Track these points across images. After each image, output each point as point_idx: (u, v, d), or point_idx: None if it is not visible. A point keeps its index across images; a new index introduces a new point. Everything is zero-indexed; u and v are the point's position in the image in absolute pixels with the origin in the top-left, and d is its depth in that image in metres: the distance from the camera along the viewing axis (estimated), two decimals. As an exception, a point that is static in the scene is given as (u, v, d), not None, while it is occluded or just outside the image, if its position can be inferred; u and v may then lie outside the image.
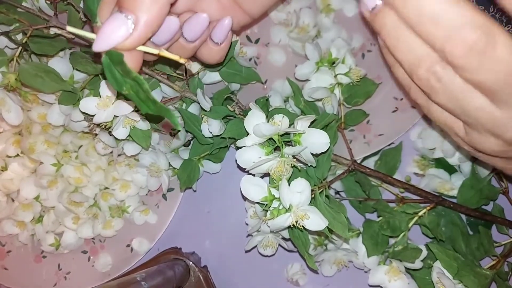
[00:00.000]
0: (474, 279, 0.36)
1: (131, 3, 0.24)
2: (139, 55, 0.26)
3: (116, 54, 0.24)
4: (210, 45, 0.31)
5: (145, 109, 0.25)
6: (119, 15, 0.24)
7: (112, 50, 0.24)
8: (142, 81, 0.23)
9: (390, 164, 0.43)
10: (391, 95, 0.44)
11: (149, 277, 0.40)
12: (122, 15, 0.24)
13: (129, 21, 0.24)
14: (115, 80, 0.24)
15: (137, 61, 0.26)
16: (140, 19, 0.24)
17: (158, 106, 0.24)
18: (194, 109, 0.41)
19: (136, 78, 0.23)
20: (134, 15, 0.24)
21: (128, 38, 0.24)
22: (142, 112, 0.25)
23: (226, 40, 0.31)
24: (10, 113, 0.41)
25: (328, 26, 0.43)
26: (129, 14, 0.24)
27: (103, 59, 0.25)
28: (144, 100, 0.24)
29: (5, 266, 0.50)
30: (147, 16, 0.24)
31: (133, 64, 0.26)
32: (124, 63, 0.23)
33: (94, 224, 0.47)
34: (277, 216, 0.34)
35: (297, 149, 0.35)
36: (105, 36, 0.24)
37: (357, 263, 0.42)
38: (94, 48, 0.24)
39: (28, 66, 0.38)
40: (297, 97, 0.41)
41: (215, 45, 0.31)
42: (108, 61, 0.24)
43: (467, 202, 0.41)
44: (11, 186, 0.46)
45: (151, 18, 0.24)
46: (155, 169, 0.43)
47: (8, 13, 0.40)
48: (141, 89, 0.24)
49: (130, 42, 0.24)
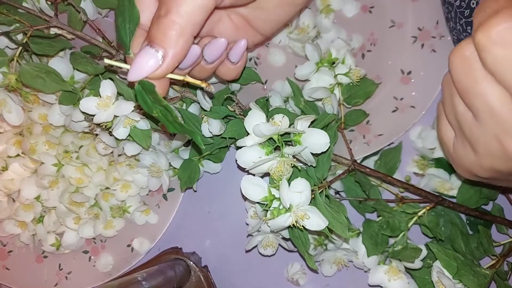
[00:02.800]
0: (474, 278, 0.36)
1: (160, 38, 0.27)
2: (167, 81, 0.30)
3: (148, 84, 0.27)
4: (227, 64, 0.34)
5: (172, 129, 0.28)
6: (149, 49, 0.27)
7: (145, 80, 0.27)
8: (171, 108, 0.27)
9: (390, 164, 0.44)
10: (391, 95, 0.44)
11: (150, 277, 0.40)
12: (152, 49, 0.27)
13: (159, 55, 0.27)
14: (146, 105, 0.28)
15: (165, 87, 0.30)
16: (168, 52, 0.27)
17: (184, 128, 0.27)
18: (194, 109, 0.41)
19: (167, 107, 0.27)
20: (163, 49, 0.27)
21: (158, 69, 0.27)
22: (169, 131, 0.28)
23: (242, 59, 0.34)
24: (11, 113, 0.41)
25: (328, 26, 0.43)
26: (158, 48, 0.27)
27: (136, 87, 0.28)
28: (171, 122, 0.28)
29: (6, 266, 0.50)
30: (174, 50, 0.27)
31: (161, 90, 0.29)
32: (156, 93, 0.27)
33: (95, 224, 0.47)
34: (277, 216, 0.34)
35: (297, 149, 0.35)
36: (138, 67, 0.27)
37: (357, 263, 0.42)
38: (128, 78, 0.27)
39: (28, 67, 0.38)
40: (297, 97, 0.41)
41: (232, 64, 0.34)
42: (141, 89, 0.28)
43: (467, 202, 0.41)
44: (12, 187, 0.46)
45: (177, 51, 0.27)
46: (155, 169, 0.43)
47: (8, 13, 0.40)
48: (170, 114, 0.27)
49: (159, 72, 0.27)
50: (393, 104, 0.44)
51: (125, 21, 0.29)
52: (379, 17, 0.44)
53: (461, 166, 0.30)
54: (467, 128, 0.27)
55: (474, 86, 0.24)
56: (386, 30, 0.44)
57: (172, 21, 0.26)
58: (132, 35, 0.29)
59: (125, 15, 0.29)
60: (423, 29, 0.43)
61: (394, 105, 0.43)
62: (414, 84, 0.43)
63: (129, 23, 0.29)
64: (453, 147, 0.30)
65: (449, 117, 0.29)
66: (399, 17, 0.43)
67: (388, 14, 0.44)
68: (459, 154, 0.29)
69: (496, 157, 0.26)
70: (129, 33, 0.29)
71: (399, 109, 0.43)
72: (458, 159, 0.29)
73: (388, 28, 0.44)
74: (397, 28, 0.43)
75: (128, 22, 0.29)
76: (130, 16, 0.28)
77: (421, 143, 0.44)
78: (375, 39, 0.44)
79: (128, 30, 0.29)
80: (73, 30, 0.40)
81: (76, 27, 0.42)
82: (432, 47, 0.42)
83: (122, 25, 0.29)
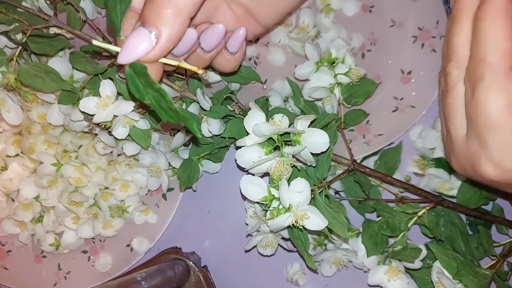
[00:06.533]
0: (474, 278, 0.36)
1: (154, 18, 0.25)
2: (160, 66, 0.28)
3: (140, 66, 0.25)
4: (225, 54, 0.33)
5: (166, 117, 0.26)
6: (142, 29, 0.25)
7: (136, 62, 0.25)
8: (165, 93, 0.24)
9: (390, 164, 0.44)
10: (391, 95, 0.44)
11: (149, 277, 0.40)
12: (145, 29, 0.25)
13: (152, 35, 0.25)
14: (137, 90, 0.26)
15: (158, 72, 0.28)
16: (163, 33, 0.25)
17: (179, 115, 0.25)
18: (194, 109, 0.41)
19: (160, 90, 0.24)
20: (157, 29, 0.25)
21: (151, 52, 0.26)
22: (163, 120, 0.26)
23: (240, 49, 0.33)
24: (10, 113, 0.41)
25: (328, 26, 0.43)
26: (152, 28, 0.25)
27: (126, 70, 0.26)
28: (165, 110, 0.25)
29: (5, 266, 0.50)
30: (169, 31, 0.25)
31: (154, 75, 0.27)
32: (148, 75, 0.25)
33: (94, 224, 0.47)
34: (276, 216, 0.34)
35: (296, 149, 0.35)
36: (129, 49, 0.25)
37: (356, 263, 0.42)
38: (118, 60, 0.26)
39: (27, 66, 0.38)
40: (297, 97, 0.41)
41: (230, 55, 0.33)
42: (132, 72, 0.25)
43: (467, 202, 0.41)
44: (11, 186, 0.46)
45: (173, 32, 0.26)
46: (155, 169, 0.43)
47: (7, 13, 0.40)
48: (164, 99, 0.25)
49: (153, 55, 0.26)
50: (393, 104, 0.43)
51: (116, 1, 0.27)
52: (379, 17, 0.44)
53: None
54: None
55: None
56: (386, 29, 0.44)
57: None
58: (123, 15, 0.27)
59: None
60: (423, 28, 0.43)
61: (394, 105, 0.43)
62: (414, 84, 0.43)
63: (120, 3, 0.27)
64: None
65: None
66: (399, 17, 0.43)
67: (388, 14, 0.44)
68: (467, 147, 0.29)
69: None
70: (120, 14, 0.27)
71: (399, 109, 0.43)
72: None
73: (388, 28, 0.44)
74: (397, 27, 0.43)
75: (119, 2, 0.27)
76: None
77: (421, 143, 0.43)
78: (375, 38, 0.44)
79: (119, 11, 0.27)
80: (73, 30, 0.39)
81: (75, 26, 0.42)
82: (432, 47, 0.42)
83: (113, 6, 0.27)
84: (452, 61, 0.28)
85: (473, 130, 0.27)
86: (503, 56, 0.24)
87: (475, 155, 0.27)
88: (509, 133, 0.25)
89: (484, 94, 0.25)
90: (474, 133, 0.27)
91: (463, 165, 0.29)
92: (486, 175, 0.27)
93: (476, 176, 0.29)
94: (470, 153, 0.28)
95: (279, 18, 0.35)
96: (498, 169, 0.26)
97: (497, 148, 0.25)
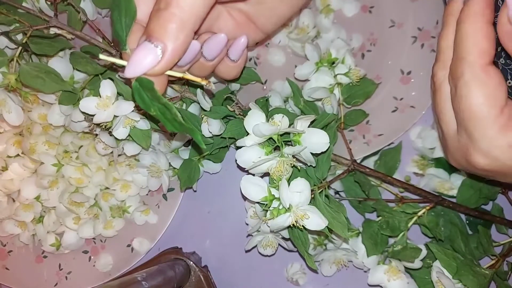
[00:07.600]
0: (473, 278, 0.36)
1: (160, 32, 0.26)
2: (165, 78, 0.28)
3: (146, 81, 0.26)
4: (227, 62, 0.33)
5: (170, 128, 0.26)
6: (148, 44, 0.26)
7: (143, 77, 0.26)
8: (171, 106, 0.25)
9: (390, 164, 0.44)
10: (390, 95, 0.44)
11: (150, 277, 0.40)
12: (151, 44, 0.26)
13: (158, 50, 0.26)
14: (143, 102, 0.26)
15: (163, 84, 0.29)
16: (168, 47, 0.26)
17: (184, 126, 0.25)
18: (194, 109, 0.41)
19: (166, 104, 0.25)
20: (163, 43, 0.26)
21: (157, 66, 0.26)
22: (168, 130, 0.27)
23: (242, 57, 0.33)
24: (10, 113, 0.41)
25: (328, 26, 0.43)
26: (158, 43, 0.26)
27: (133, 84, 0.26)
28: (170, 121, 0.26)
29: (6, 266, 0.50)
30: (174, 45, 0.26)
31: (159, 87, 0.27)
32: (154, 90, 0.25)
33: (94, 224, 0.47)
34: (277, 216, 0.34)
35: (297, 149, 0.35)
36: (135, 64, 0.26)
37: (356, 263, 0.42)
38: (125, 74, 0.26)
39: (28, 67, 0.38)
40: (297, 97, 0.41)
41: (232, 62, 0.33)
42: (138, 86, 0.26)
43: (467, 202, 0.41)
44: (11, 187, 0.46)
45: (178, 46, 0.26)
46: (155, 169, 0.43)
47: (8, 13, 0.40)
48: (169, 112, 0.25)
49: (159, 69, 0.26)
50: (393, 104, 0.44)
51: (121, 14, 0.27)
52: (379, 17, 0.44)
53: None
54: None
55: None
56: (386, 30, 0.44)
57: (173, 14, 0.25)
58: (128, 29, 0.27)
59: (121, 8, 0.27)
60: (423, 29, 0.43)
61: (394, 105, 0.43)
62: (414, 84, 0.43)
63: (125, 17, 0.27)
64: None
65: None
66: (399, 17, 0.43)
67: (388, 14, 0.44)
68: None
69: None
70: (125, 27, 0.27)
71: (399, 109, 0.43)
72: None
73: (388, 28, 0.44)
74: (397, 28, 0.43)
75: (124, 16, 0.27)
76: (126, 10, 0.27)
77: (421, 143, 0.44)
78: (375, 39, 0.44)
79: (124, 24, 0.27)
80: (73, 30, 0.40)
81: (75, 27, 0.42)
82: (432, 47, 0.42)
83: (118, 19, 0.28)
84: (438, 62, 0.30)
85: (461, 124, 0.28)
86: (480, 54, 0.26)
87: (466, 148, 0.28)
88: (491, 122, 0.26)
89: (465, 89, 0.27)
90: (461, 127, 0.28)
91: (457, 159, 0.31)
92: (478, 165, 0.28)
93: (470, 168, 0.30)
94: (461, 146, 0.29)
95: (279, 23, 0.35)
96: (488, 158, 0.27)
97: (482, 138, 0.27)
